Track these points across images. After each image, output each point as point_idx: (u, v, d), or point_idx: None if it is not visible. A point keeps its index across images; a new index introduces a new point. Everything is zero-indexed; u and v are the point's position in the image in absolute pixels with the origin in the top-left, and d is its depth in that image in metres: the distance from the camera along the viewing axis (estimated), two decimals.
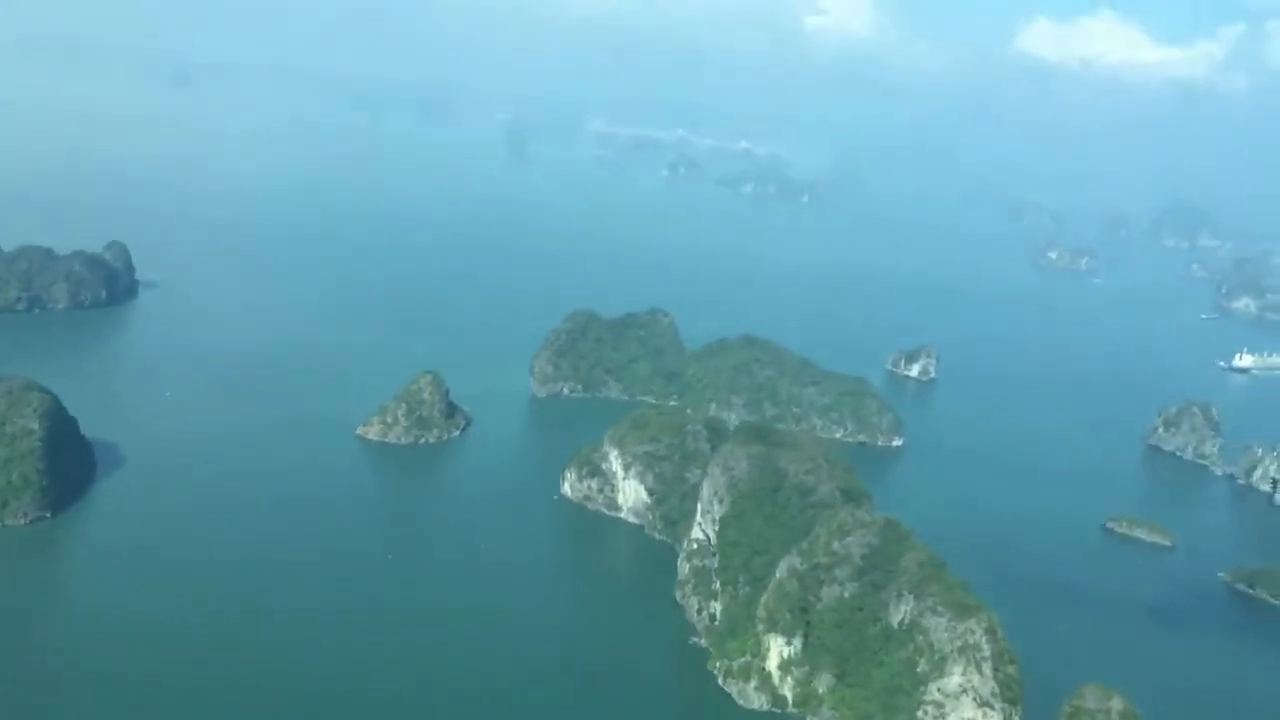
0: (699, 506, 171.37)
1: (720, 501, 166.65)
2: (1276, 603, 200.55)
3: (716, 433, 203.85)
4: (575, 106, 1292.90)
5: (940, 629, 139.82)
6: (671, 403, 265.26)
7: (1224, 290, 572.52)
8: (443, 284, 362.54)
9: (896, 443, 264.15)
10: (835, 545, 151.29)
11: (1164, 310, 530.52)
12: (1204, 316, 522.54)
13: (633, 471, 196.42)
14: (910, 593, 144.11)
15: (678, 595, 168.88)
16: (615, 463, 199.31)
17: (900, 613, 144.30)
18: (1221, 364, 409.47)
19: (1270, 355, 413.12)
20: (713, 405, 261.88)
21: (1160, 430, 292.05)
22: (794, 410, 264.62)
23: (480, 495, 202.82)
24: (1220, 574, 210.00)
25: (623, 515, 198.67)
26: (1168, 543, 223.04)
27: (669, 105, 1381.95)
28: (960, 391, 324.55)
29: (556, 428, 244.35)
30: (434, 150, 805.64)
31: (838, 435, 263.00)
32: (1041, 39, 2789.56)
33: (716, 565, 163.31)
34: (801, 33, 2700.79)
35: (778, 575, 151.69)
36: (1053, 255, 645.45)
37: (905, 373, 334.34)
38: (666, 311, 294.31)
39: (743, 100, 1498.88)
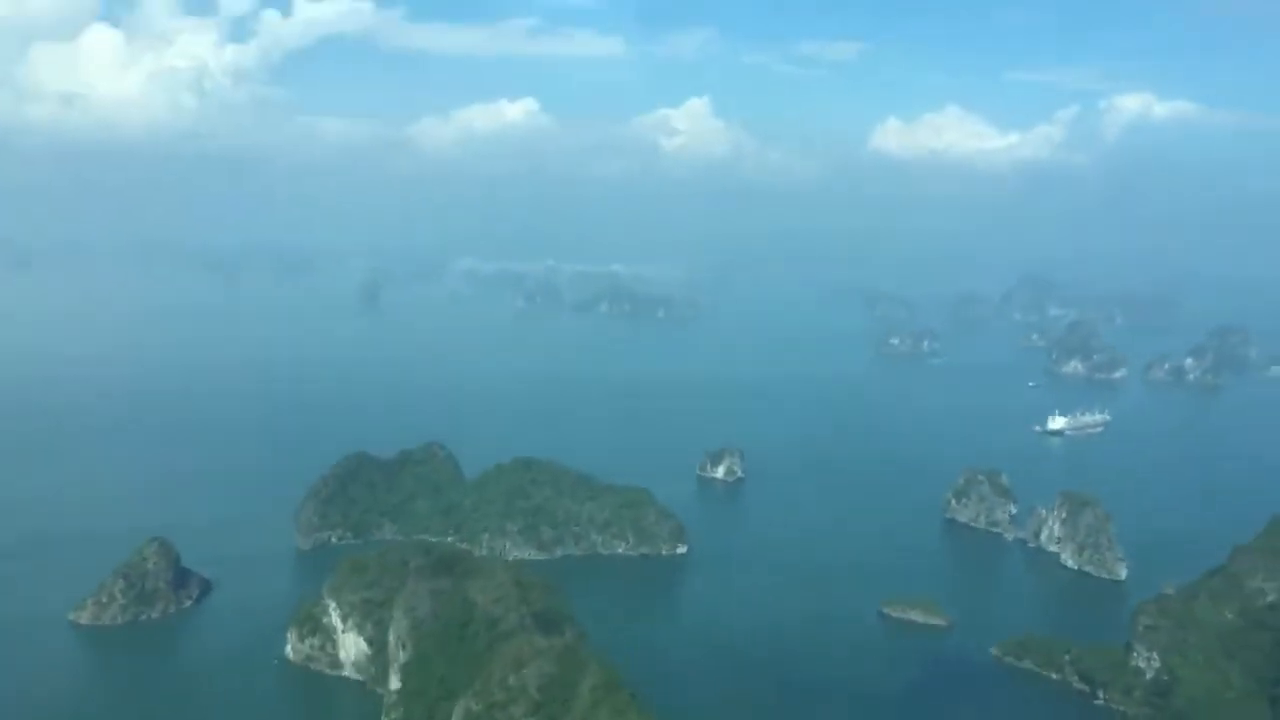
0: (388, 655, 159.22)
1: (404, 647, 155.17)
2: (1044, 673, 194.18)
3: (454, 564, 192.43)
4: (441, 249, 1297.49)
5: None
6: (449, 538, 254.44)
7: (1054, 357, 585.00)
8: (226, 448, 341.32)
9: (680, 550, 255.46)
10: (511, 679, 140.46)
11: (995, 382, 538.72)
12: (1031, 384, 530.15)
13: (350, 623, 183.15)
14: None
15: None
16: (334, 615, 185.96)
17: None
18: (1036, 428, 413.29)
19: (1081, 415, 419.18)
20: (486, 535, 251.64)
21: (953, 503, 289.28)
22: (573, 529, 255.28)
23: (190, 669, 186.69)
24: (991, 648, 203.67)
25: (345, 673, 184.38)
26: (943, 622, 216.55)
27: (537, 238, 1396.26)
28: (765, 490, 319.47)
29: (310, 582, 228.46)
30: (278, 309, 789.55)
31: (619, 549, 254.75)
32: (893, 138, 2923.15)
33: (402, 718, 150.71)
34: (659, 155, 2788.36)
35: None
36: (895, 341, 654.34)
37: (712, 475, 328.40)
38: (443, 444, 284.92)
39: (608, 225, 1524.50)
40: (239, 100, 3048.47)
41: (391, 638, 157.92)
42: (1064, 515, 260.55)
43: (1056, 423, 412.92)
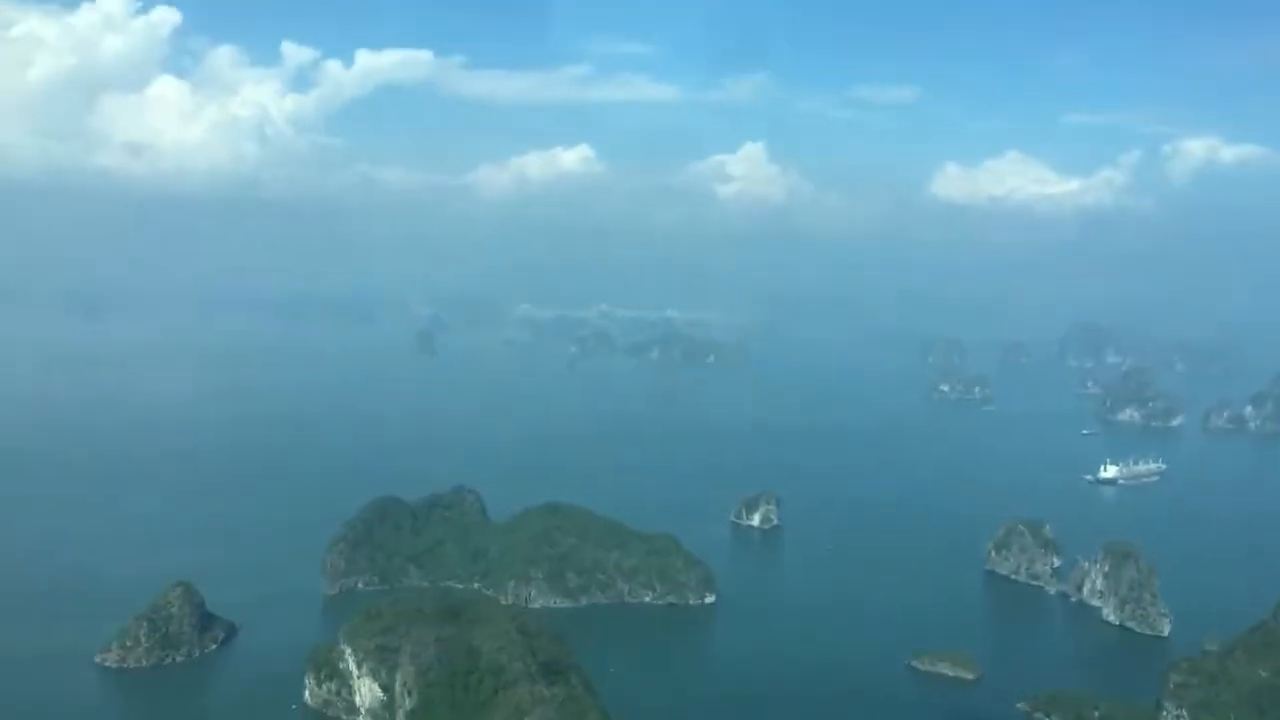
0: (394, 704, 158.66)
1: (410, 694, 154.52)
2: None
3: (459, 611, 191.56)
4: (501, 294, 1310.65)
5: None
6: (475, 585, 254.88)
7: (1109, 404, 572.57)
8: (261, 492, 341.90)
9: (709, 599, 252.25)
10: None
11: (1048, 430, 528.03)
12: (1085, 432, 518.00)
13: (365, 668, 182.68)
14: None
15: None
16: (350, 661, 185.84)
17: None
18: (1088, 478, 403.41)
19: (1134, 464, 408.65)
20: (511, 583, 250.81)
21: (993, 554, 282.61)
22: (599, 577, 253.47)
23: (211, 712, 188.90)
24: (1019, 704, 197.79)
25: (362, 718, 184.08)
26: (971, 675, 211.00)
27: (593, 284, 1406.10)
28: (801, 538, 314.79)
29: (335, 628, 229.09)
30: (336, 355, 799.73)
31: (647, 598, 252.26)
32: (954, 184, 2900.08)
33: None
34: (715, 200, 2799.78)
35: None
36: (945, 388, 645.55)
37: (747, 523, 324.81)
38: (473, 489, 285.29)
39: (664, 271, 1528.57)
40: (300, 149, 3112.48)
41: (398, 685, 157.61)
42: (1107, 568, 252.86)
43: (1109, 471, 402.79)
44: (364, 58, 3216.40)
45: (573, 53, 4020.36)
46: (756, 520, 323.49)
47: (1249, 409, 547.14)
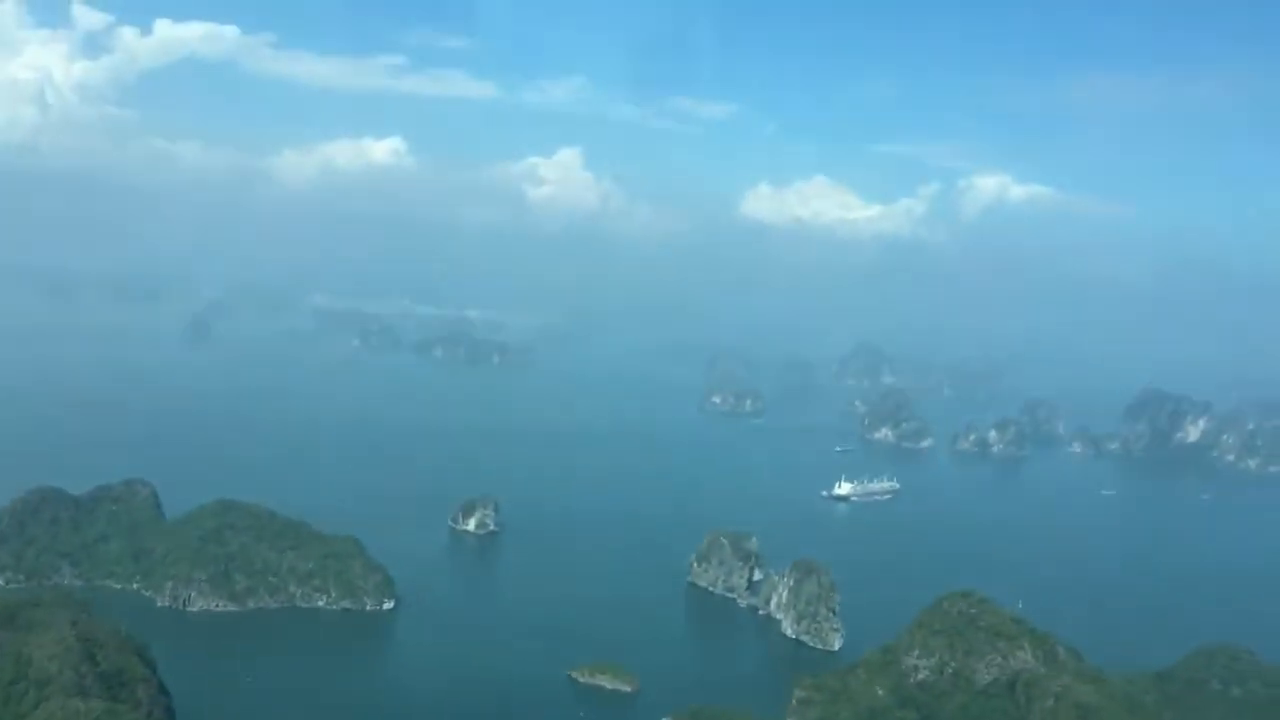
0: None
1: None
2: None
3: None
4: (297, 283, 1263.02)
5: None
6: (134, 585, 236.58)
7: (866, 422, 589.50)
8: None
9: (387, 606, 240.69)
10: None
11: (806, 445, 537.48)
12: (839, 449, 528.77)
13: None
14: None
15: None
16: None
17: None
18: (824, 493, 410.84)
19: (866, 482, 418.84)
20: (170, 583, 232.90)
21: (695, 566, 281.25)
22: (269, 580, 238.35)
23: None
24: (665, 718, 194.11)
25: None
26: (629, 688, 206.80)
27: (396, 279, 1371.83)
28: (516, 545, 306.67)
29: None
30: (94, 334, 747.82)
31: (320, 603, 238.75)
32: (764, 203, 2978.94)
33: None
34: (526, 203, 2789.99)
35: None
36: (716, 400, 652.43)
37: (463, 527, 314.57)
38: (147, 481, 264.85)
39: (470, 271, 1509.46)
40: (86, 118, 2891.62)
41: None
42: (792, 583, 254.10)
43: (843, 488, 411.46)
44: (164, 27, 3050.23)
45: (388, 41, 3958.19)
46: (472, 525, 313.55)
47: (993, 433, 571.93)
